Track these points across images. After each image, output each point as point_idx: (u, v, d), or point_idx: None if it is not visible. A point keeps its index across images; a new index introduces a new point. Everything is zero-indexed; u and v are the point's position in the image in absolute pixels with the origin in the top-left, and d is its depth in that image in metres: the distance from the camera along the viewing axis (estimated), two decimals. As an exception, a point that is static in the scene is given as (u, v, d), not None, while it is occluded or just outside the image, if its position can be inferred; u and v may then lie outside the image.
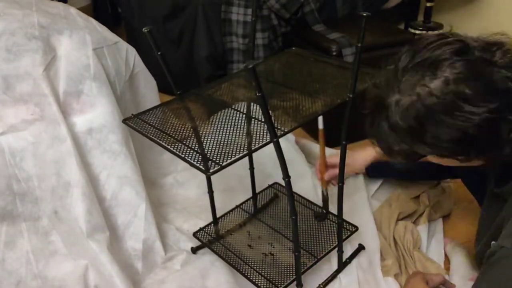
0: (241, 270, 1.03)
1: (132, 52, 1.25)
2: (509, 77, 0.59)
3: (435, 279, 0.91)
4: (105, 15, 2.42)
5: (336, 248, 1.05)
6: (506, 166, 0.75)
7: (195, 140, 0.78)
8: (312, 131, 1.69)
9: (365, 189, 1.30)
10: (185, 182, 1.37)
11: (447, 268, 1.07)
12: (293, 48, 1.07)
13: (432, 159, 0.69)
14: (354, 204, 1.22)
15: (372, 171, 1.37)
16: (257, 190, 1.24)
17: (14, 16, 1.03)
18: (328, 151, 1.47)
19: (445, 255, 1.12)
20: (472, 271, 1.04)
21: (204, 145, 0.76)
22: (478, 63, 0.60)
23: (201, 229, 1.16)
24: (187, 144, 0.76)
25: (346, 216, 1.11)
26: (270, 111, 0.71)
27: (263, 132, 0.77)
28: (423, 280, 0.90)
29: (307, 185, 1.32)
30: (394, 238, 1.16)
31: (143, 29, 0.82)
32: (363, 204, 1.25)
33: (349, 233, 1.11)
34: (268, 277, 1.01)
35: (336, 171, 1.03)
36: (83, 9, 1.36)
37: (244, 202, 1.24)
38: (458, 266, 1.05)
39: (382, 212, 1.23)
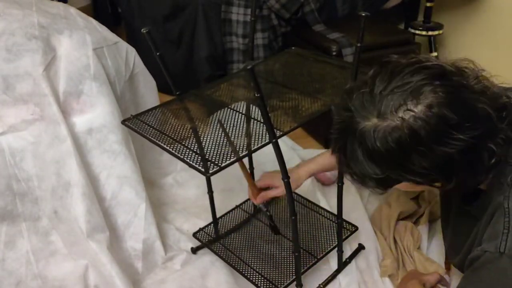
0: (241, 270, 1.03)
1: (132, 52, 1.25)
2: (487, 104, 0.59)
3: (431, 279, 0.91)
4: (105, 15, 2.43)
5: (336, 248, 1.05)
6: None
7: (194, 140, 0.78)
8: (313, 132, 1.69)
9: (356, 190, 1.30)
10: (184, 183, 1.37)
11: (448, 268, 1.07)
12: (293, 48, 1.07)
13: (404, 186, 0.67)
14: (348, 205, 1.22)
15: None
16: (257, 190, 1.24)
17: (14, 16, 1.03)
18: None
19: (446, 255, 1.12)
20: None
21: (203, 145, 0.76)
22: (458, 88, 0.59)
23: (201, 229, 1.16)
24: (186, 145, 0.76)
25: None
26: (269, 112, 0.71)
27: (262, 133, 0.77)
28: (419, 283, 0.89)
29: (306, 184, 1.32)
30: (394, 238, 1.16)
31: (142, 30, 0.82)
32: (357, 205, 1.25)
33: (349, 233, 1.11)
34: (268, 277, 1.01)
35: (268, 193, 1.01)
36: (83, 9, 1.36)
37: (243, 202, 1.24)
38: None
39: (382, 212, 1.23)
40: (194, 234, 1.15)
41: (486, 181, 0.67)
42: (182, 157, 0.73)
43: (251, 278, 1.01)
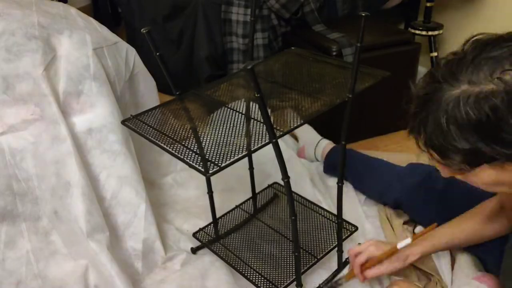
0: (241, 270, 1.03)
1: (132, 52, 1.25)
2: None
3: None
4: (105, 15, 2.43)
5: (336, 248, 1.05)
6: None
7: (194, 140, 0.78)
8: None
9: (354, 192, 1.31)
10: (184, 183, 1.37)
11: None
12: (293, 48, 1.07)
13: (490, 175, 0.61)
14: (345, 206, 1.21)
15: (328, 168, 1.39)
16: (257, 190, 1.24)
17: (14, 16, 1.03)
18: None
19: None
20: (475, 270, 1.03)
21: (203, 145, 0.76)
22: None
23: (200, 229, 1.16)
24: (186, 145, 0.76)
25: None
26: (269, 112, 0.71)
27: (262, 133, 0.77)
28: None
29: (306, 184, 1.32)
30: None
31: (142, 29, 0.82)
32: (354, 206, 1.25)
33: (348, 233, 1.11)
34: (268, 277, 1.01)
35: (373, 272, 0.94)
36: (83, 9, 1.36)
37: (243, 202, 1.24)
38: (463, 265, 1.05)
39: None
40: (194, 234, 1.16)
41: None
42: (182, 157, 0.73)
43: (251, 278, 1.01)
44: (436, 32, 1.79)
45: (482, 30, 0.63)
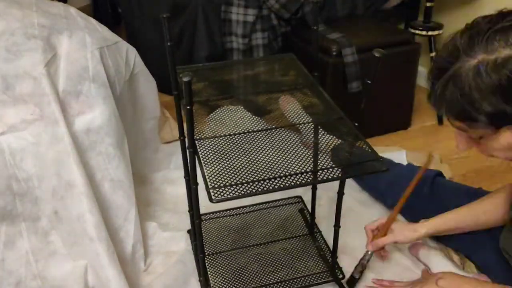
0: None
1: (132, 52, 1.25)
2: None
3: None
4: (105, 15, 2.42)
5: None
6: None
7: None
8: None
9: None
10: (175, 181, 1.35)
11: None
12: (290, 53, 1.02)
13: (506, 137, 0.66)
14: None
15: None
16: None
17: (14, 16, 1.03)
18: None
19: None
20: (456, 269, 1.02)
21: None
22: None
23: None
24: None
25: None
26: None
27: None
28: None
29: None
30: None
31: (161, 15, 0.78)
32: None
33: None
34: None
35: (383, 240, 0.99)
36: (83, 9, 1.36)
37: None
38: (440, 267, 1.03)
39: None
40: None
41: None
42: None
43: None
44: (436, 32, 1.79)
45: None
